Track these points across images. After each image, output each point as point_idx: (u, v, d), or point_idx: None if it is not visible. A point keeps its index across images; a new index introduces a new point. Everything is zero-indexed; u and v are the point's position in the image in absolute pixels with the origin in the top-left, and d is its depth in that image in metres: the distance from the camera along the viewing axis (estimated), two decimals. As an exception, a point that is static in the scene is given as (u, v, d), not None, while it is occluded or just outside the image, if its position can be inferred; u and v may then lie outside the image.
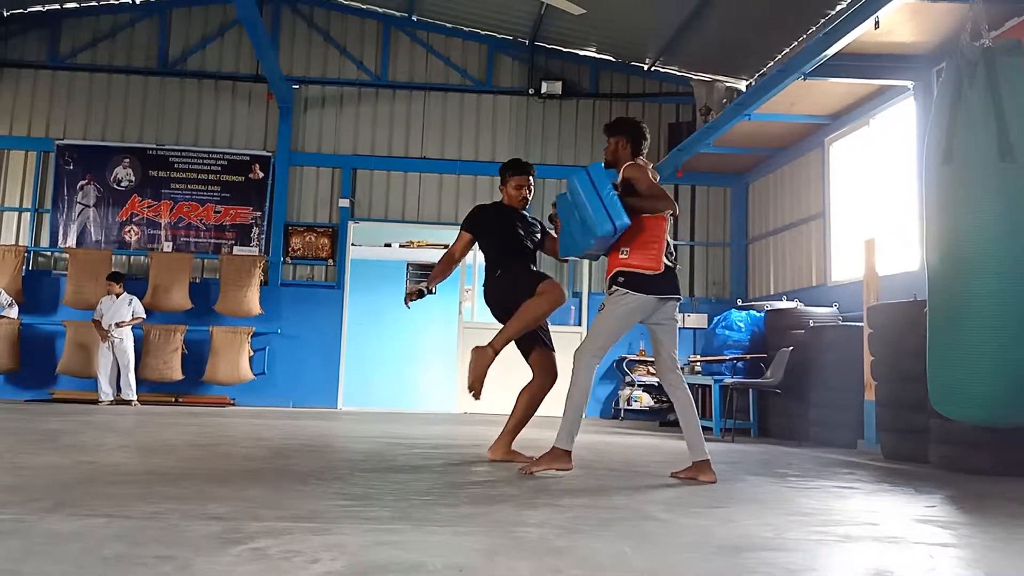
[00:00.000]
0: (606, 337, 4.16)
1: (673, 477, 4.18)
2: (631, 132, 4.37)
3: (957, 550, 2.65)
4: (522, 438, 4.95)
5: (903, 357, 5.65)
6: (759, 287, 10.83)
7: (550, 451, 4.13)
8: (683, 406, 4.16)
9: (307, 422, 7.82)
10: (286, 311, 10.83)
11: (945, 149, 4.62)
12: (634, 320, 4.15)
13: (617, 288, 4.10)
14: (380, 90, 11.49)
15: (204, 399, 10.46)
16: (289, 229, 11.09)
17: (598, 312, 4.22)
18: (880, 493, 4.03)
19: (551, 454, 4.12)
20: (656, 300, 4.10)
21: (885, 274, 7.05)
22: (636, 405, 10.47)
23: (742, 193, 11.41)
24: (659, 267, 4.07)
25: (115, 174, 10.98)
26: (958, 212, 4.56)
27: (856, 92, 8.03)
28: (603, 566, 2.14)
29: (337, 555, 2.10)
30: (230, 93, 11.36)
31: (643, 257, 4.07)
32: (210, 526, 2.44)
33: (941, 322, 4.65)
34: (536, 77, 11.43)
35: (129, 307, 9.88)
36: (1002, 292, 4.40)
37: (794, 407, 7.53)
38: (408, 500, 3.18)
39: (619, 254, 4.13)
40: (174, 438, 5.56)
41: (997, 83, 4.49)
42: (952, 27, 6.16)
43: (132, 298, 9.96)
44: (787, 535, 2.72)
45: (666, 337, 4.21)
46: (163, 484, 3.33)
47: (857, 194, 8.60)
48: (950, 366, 4.57)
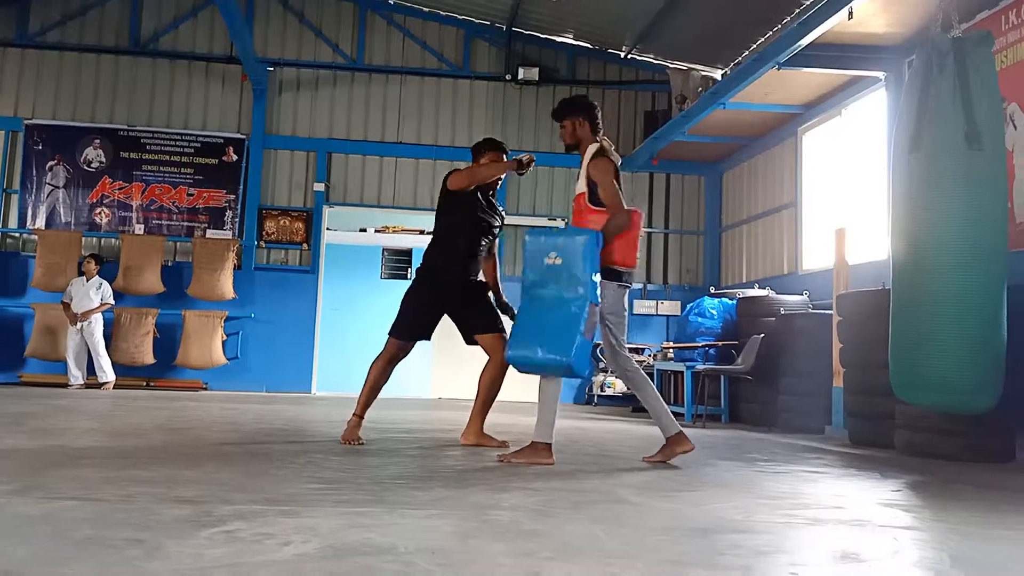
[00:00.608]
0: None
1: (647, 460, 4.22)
2: (584, 110, 4.29)
3: (921, 533, 2.71)
4: (493, 423, 4.97)
5: (870, 344, 5.74)
6: (732, 275, 10.92)
7: (530, 445, 4.02)
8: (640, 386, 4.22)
9: (281, 407, 7.79)
10: (260, 295, 10.76)
11: (913, 137, 4.69)
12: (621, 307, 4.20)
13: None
14: (356, 74, 11.40)
15: (176, 383, 10.38)
16: (263, 213, 11.00)
17: None
18: (847, 478, 4.09)
19: (531, 448, 4.01)
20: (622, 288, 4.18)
21: (855, 263, 7.14)
22: (609, 391, 10.54)
23: (716, 182, 11.48)
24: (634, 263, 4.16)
25: (85, 155, 10.82)
26: (924, 199, 4.64)
27: (829, 82, 8.10)
28: (575, 548, 2.16)
29: (309, 537, 2.11)
30: (203, 74, 11.22)
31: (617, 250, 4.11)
32: (181, 509, 2.43)
33: (904, 308, 4.73)
34: (513, 63, 11.39)
35: (98, 291, 9.76)
36: (965, 279, 4.48)
37: (764, 393, 7.62)
38: (381, 484, 3.19)
39: None
40: (145, 422, 5.51)
41: (966, 72, 4.55)
42: (924, 19, 6.22)
43: (102, 282, 9.85)
44: (756, 518, 2.76)
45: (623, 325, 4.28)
46: (133, 468, 3.31)
47: (829, 184, 8.69)
48: (912, 352, 4.65)
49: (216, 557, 1.88)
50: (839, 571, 2.04)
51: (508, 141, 11.21)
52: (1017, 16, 5.58)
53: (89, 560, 1.82)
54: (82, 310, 9.61)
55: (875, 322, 5.64)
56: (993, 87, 4.70)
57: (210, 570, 1.76)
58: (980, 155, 4.52)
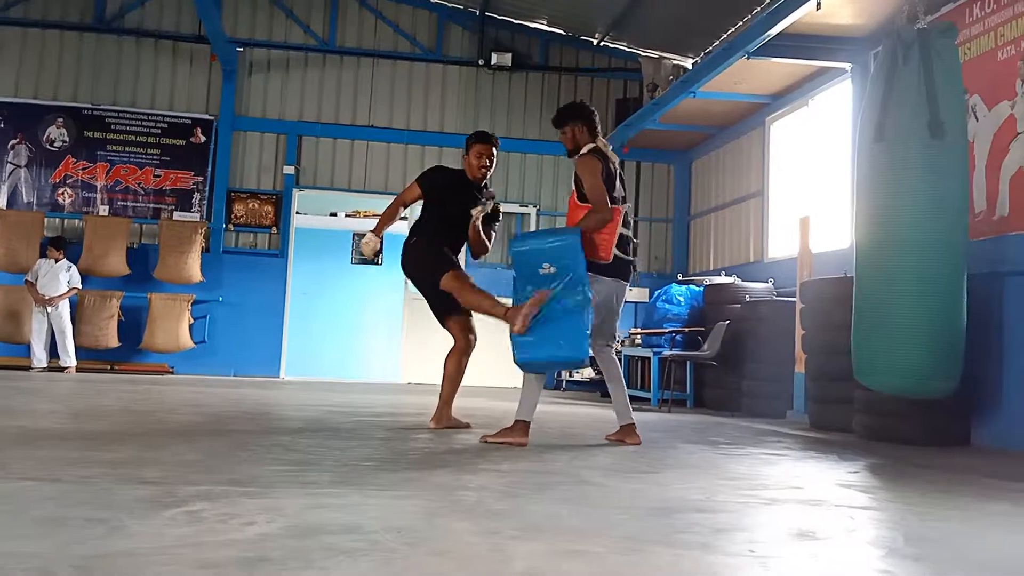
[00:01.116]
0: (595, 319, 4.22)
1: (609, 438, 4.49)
2: (584, 116, 4.41)
3: (876, 512, 2.78)
4: (463, 407, 5.00)
5: (831, 331, 5.83)
6: (699, 262, 11.01)
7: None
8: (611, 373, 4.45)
9: (248, 391, 7.75)
10: (228, 279, 10.66)
11: (877, 126, 4.76)
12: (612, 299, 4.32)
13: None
14: (327, 56, 11.30)
15: (142, 367, 10.27)
16: (232, 196, 10.88)
17: None
18: (806, 460, 4.18)
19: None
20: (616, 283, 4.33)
21: (819, 251, 7.24)
22: (578, 376, 10.61)
23: (685, 170, 11.55)
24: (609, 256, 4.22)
25: (48, 134, 10.63)
26: (888, 188, 4.71)
27: (797, 73, 8.18)
28: (538, 527, 2.20)
29: (274, 518, 2.11)
30: (171, 53, 11.05)
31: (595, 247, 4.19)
32: (143, 490, 2.43)
33: (867, 295, 4.81)
34: (486, 48, 11.35)
35: (66, 274, 9.63)
36: (925, 267, 4.57)
37: (729, 379, 7.72)
38: (348, 465, 3.20)
39: None
40: (109, 404, 5.47)
41: (930, 63, 4.62)
42: (890, 11, 6.30)
43: (70, 265, 9.71)
44: (716, 498, 2.82)
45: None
46: (96, 449, 3.29)
47: (795, 173, 8.78)
48: (873, 337, 4.74)
49: (178, 536, 1.88)
50: (796, 548, 2.09)
51: (481, 126, 11.21)
52: (981, 9, 5.67)
53: (48, 538, 1.81)
54: (50, 294, 9.48)
55: (836, 309, 5.74)
56: (956, 78, 4.78)
57: (171, 549, 1.77)
58: (942, 145, 4.60)
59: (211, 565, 1.65)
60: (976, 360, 4.99)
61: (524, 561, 1.81)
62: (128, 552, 1.73)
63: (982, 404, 5.19)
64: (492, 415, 5.66)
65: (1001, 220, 5.32)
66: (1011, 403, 5.05)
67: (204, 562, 1.67)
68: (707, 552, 2.00)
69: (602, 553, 1.93)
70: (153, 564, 1.65)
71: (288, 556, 1.74)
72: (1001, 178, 5.36)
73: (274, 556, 1.74)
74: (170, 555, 1.72)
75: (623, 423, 4.41)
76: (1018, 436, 4.93)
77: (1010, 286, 5.14)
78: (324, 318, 12.96)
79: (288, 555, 1.75)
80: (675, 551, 1.99)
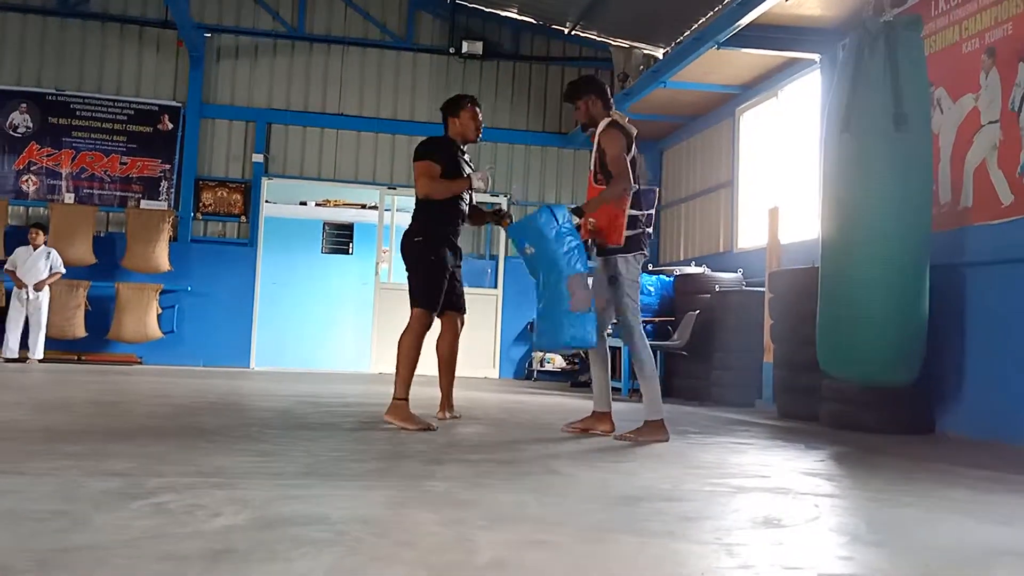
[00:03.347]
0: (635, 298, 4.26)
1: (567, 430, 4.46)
2: (596, 88, 4.41)
3: (841, 500, 2.82)
4: (427, 396, 4.99)
5: (799, 321, 5.90)
6: (670, 252, 11.07)
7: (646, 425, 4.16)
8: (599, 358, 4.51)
9: (217, 381, 7.69)
10: (196, 268, 10.54)
11: (844, 118, 4.81)
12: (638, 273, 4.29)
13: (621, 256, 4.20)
14: (296, 43, 11.17)
15: (109, 357, 10.14)
16: (200, 184, 10.74)
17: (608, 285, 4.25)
18: (773, 449, 4.23)
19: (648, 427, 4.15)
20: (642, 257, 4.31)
21: (787, 242, 7.31)
22: (549, 366, 10.63)
23: (656, 160, 11.58)
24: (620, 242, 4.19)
25: (11, 119, 10.42)
26: (853, 179, 4.77)
27: (766, 63, 8.23)
28: (504, 516, 2.21)
29: (240, 509, 2.10)
30: (136, 38, 10.86)
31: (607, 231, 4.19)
32: (109, 482, 2.40)
33: (832, 285, 4.88)
34: (457, 36, 11.29)
35: (47, 260, 9.47)
36: (889, 257, 4.64)
37: (698, 368, 7.78)
38: (316, 456, 3.19)
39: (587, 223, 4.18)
40: (75, 395, 5.40)
41: (896, 55, 4.68)
42: (859, 2, 6.35)
43: (51, 251, 9.54)
44: (683, 487, 2.85)
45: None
46: (61, 441, 3.25)
47: (764, 164, 8.85)
48: (838, 327, 4.81)
49: (143, 528, 1.87)
50: (761, 536, 2.12)
51: (451, 115, 11.18)
52: (946, 2, 5.74)
53: (10, 531, 1.79)
54: (33, 281, 9.32)
55: (803, 299, 5.80)
56: (921, 70, 4.84)
57: (136, 541, 1.76)
58: (907, 137, 4.66)
59: (175, 557, 1.64)
60: (939, 350, 5.07)
61: (490, 551, 1.82)
62: (90, 545, 1.71)
63: (945, 393, 5.28)
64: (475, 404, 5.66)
65: (964, 211, 5.41)
66: (972, 392, 5.14)
67: (168, 554, 1.66)
68: (673, 540, 2.03)
69: (568, 542, 1.95)
70: (116, 557, 1.63)
71: (254, 547, 1.74)
72: (965, 170, 5.44)
73: (240, 548, 1.73)
74: (134, 548, 1.70)
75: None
76: (979, 424, 5.03)
77: (974, 276, 5.23)
78: (294, 308, 12.87)
79: (254, 546, 1.74)
80: (641, 539, 2.01)
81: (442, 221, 4.65)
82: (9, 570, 1.51)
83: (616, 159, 4.17)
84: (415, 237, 4.62)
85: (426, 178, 4.54)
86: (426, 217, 4.64)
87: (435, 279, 4.57)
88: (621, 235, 4.18)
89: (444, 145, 4.75)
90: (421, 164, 4.57)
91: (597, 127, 4.36)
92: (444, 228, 4.66)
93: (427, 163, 4.56)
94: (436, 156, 4.61)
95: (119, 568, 1.57)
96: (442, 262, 4.59)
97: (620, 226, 4.17)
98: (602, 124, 4.32)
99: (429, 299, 4.57)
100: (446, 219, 4.66)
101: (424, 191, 4.56)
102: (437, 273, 4.57)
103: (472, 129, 4.82)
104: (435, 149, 4.67)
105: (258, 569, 1.59)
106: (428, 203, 4.61)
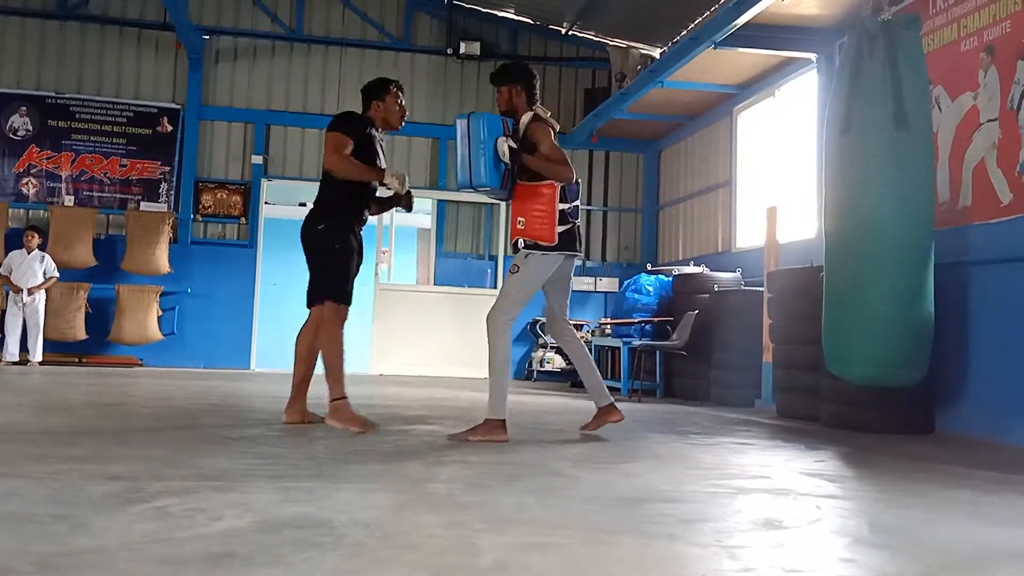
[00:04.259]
0: (520, 298, 4.17)
1: (583, 431, 4.38)
2: (523, 78, 4.26)
3: (842, 501, 2.82)
4: (435, 397, 4.99)
5: (798, 321, 5.90)
6: (668, 252, 11.07)
7: (484, 423, 3.96)
8: (579, 356, 4.37)
9: (217, 383, 7.69)
10: (197, 270, 10.53)
11: (844, 120, 4.81)
12: (543, 278, 4.18)
13: (528, 251, 4.13)
14: (295, 44, 11.16)
15: (110, 359, 10.14)
16: (199, 185, 10.74)
17: (509, 274, 4.22)
18: (773, 449, 4.23)
19: (486, 425, 3.94)
20: (564, 258, 4.18)
21: (785, 241, 7.31)
22: (548, 367, 10.63)
23: (654, 160, 11.60)
24: (553, 238, 4.10)
25: (11, 122, 10.41)
26: (855, 180, 4.77)
27: (763, 63, 8.23)
28: (505, 518, 2.21)
29: (242, 512, 2.11)
30: (135, 41, 10.86)
31: (539, 228, 4.11)
32: (109, 485, 2.40)
33: (837, 286, 4.87)
34: (454, 37, 11.28)
35: (41, 265, 9.47)
36: (894, 258, 4.64)
37: (698, 368, 7.78)
38: (317, 459, 3.19)
39: (517, 223, 4.17)
40: (76, 398, 5.40)
41: (895, 55, 4.68)
42: (856, 1, 6.35)
43: (45, 255, 9.55)
44: (684, 488, 2.85)
45: (561, 291, 4.35)
46: (61, 444, 3.25)
47: (762, 163, 8.86)
48: (844, 328, 4.81)
49: (144, 532, 1.87)
50: (762, 538, 2.12)
51: (448, 116, 11.18)
52: (944, 0, 5.74)
53: (11, 535, 1.79)
54: (28, 285, 9.33)
55: (802, 299, 5.80)
56: (921, 69, 4.84)
57: (137, 545, 1.76)
58: (908, 137, 4.66)
59: (177, 561, 1.64)
60: (940, 349, 5.07)
61: (491, 554, 1.82)
62: (92, 549, 1.71)
63: (946, 392, 5.28)
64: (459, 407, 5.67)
65: (964, 210, 5.41)
66: (974, 391, 5.14)
67: (170, 558, 1.66)
68: (674, 542, 2.03)
69: (569, 544, 1.95)
70: (117, 561, 1.64)
71: (255, 551, 1.74)
72: (964, 168, 5.44)
73: (241, 552, 1.73)
74: (135, 552, 1.70)
75: (601, 404, 4.31)
76: (981, 424, 5.03)
77: (973, 275, 5.23)
78: (294, 309, 12.81)
79: (255, 550, 1.75)
80: (642, 541, 2.01)
81: (348, 207, 4.34)
82: (10, 573, 1.51)
83: (553, 147, 4.12)
84: (317, 224, 4.31)
85: (336, 153, 4.17)
86: (331, 201, 4.32)
87: (343, 268, 4.28)
88: (553, 232, 4.10)
89: (364, 123, 4.42)
90: (333, 135, 4.22)
91: (516, 118, 4.23)
92: (349, 215, 4.34)
93: (339, 135, 4.21)
94: (350, 130, 4.27)
95: (120, 572, 1.58)
96: (347, 248, 4.28)
97: (551, 224, 4.11)
98: (526, 117, 4.22)
99: (340, 291, 4.30)
100: (353, 205, 4.35)
101: (330, 165, 4.20)
102: (344, 260, 4.27)
103: (396, 115, 4.56)
104: (350, 125, 4.33)
105: (260, 573, 1.59)
106: (335, 184, 4.28)
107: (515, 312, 4.16)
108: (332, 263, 4.29)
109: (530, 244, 4.13)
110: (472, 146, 4.03)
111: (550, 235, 4.10)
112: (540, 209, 4.11)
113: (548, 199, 4.12)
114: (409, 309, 10.86)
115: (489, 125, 4.07)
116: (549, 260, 4.13)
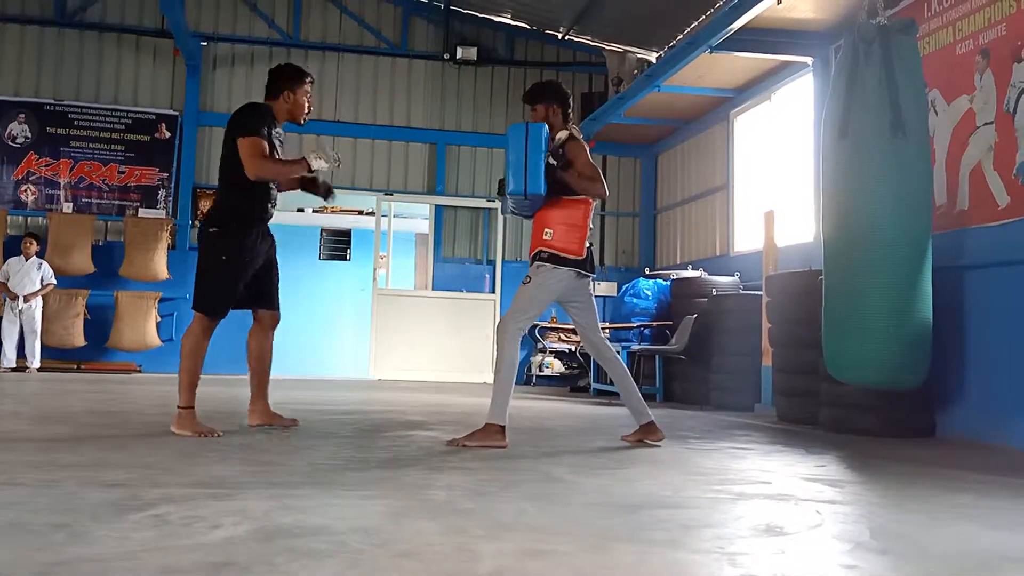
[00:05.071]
0: (531, 308, 4.16)
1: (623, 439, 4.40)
2: (560, 97, 4.29)
3: (843, 506, 2.81)
4: (439, 403, 4.98)
5: (797, 324, 5.90)
6: (666, 256, 11.08)
7: (483, 428, 3.94)
8: (618, 375, 4.36)
9: (215, 388, 7.67)
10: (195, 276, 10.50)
11: (841, 124, 4.82)
12: (553, 292, 4.20)
13: (541, 263, 4.14)
14: (292, 50, 11.16)
15: (108, 366, 10.13)
16: (198, 192, 10.74)
17: (522, 284, 4.21)
18: (773, 453, 4.22)
19: (485, 430, 3.92)
20: (576, 275, 4.19)
21: (783, 245, 7.31)
22: (548, 371, 10.62)
23: (651, 164, 11.61)
24: (582, 253, 4.16)
25: (9, 130, 10.42)
26: (853, 185, 4.78)
27: (759, 67, 8.25)
28: (506, 525, 2.20)
29: (240, 520, 2.10)
30: (133, 48, 10.87)
31: (567, 241, 4.14)
32: (108, 493, 2.40)
33: (836, 290, 4.87)
34: (451, 42, 11.30)
35: (39, 272, 9.49)
36: (893, 261, 4.64)
37: (697, 372, 7.78)
38: (315, 466, 3.18)
39: (543, 234, 4.17)
40: (74, 405, 5.38)
41: (891, 60, 4.69)
42: (851, 5, 6.37)
43: (42, 262, 9.57)
44: (684, 493, 2.84)
45: (584, 310, 4.35)
46: (59, 451, 3.24)
47: (759, 167, 8.87)
48: (844, 332, 4.81)
49: (143, 540, 1.86)
50: (763, 544, 2.11)
51: (446, 121, 11.22)
52: (939, 4, 5.75)
53: (9, 545, 1.78)
54: (25, 292, 9.34)
55: (801, 302, 5.80)
56: (917, 74, 4.85)
57: (136, 554, 1.75)
58: (905, 142, 4.67)
59: (175, 570, 1.63)
60: (939, 352, 5.07)
61: (491, 561, 1.81)
62: (90, 558, 1.70)
63: (945, 395, 5.28)
64: (462, 411, 5.66)
65: (961, 214, 5.41)
66: (973, 394, 5.14)
67: (168, 567, 1.65)
68: (674, 549, 2.02)
69: (569, 551, 1.94)
70: (116, 570, 1.63)
71: (254, 560, 1.73)
72: (960, 172, 5.45)
73: (240, 560, 1.72)
74: (133, 560, 1.70)
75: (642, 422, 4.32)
76: (981, 427, 5.03)
77: (970, 279, 5.24)
78: (292, 314, 12.74)
79: (254, 559, 1.74)
80: (642, 548, 2.00)
81: (252, 209, 4.15)
82: (9, 585, 1.51)
83: (588, 164, 4.17)
84: (211, 227, 4.11)
85: (257, 158, 3.99)
86: (230, 203, 4.13)
87: (222, 281, 4.08)
88: (582, 246, 4.17)
89: (268, 118, 4.23)
90: (249, 141, 4.01)
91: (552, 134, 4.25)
92: (249, 215, 4.15)
93: (255, 140, 4.02)
94: (260, 128, 4.09)
95: (119, 582, 1.57)
96: (236, 261, 4.08)
97: (581, 238, 4.17)
98: (563, 134, 4.26)
99: (210, 303, 4.12)
100: (253, 204, 4.16)
101: (256, 172, 4.00)
102: (228, 273, 4.07)
103: (304, 108, 4.41)
104: (260, 123, 4.13)
105: (259, 582, 1.58)
106: (237, 185, 4.08)
107: (526, 322, 4.17)
108: (216, 273, 4.11)
109: (545, 256, 4.13)
110: (530, 154, 4.02)
111: (579, 248, 4.15)
112: (572, 223, 4.15)
113: (583, 214, 4.18)
114: (407, 314, 10.86)
115: (545, 137, 4.10)
116: (559, 275, 4.15)
